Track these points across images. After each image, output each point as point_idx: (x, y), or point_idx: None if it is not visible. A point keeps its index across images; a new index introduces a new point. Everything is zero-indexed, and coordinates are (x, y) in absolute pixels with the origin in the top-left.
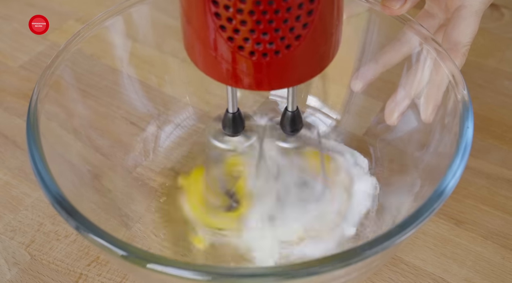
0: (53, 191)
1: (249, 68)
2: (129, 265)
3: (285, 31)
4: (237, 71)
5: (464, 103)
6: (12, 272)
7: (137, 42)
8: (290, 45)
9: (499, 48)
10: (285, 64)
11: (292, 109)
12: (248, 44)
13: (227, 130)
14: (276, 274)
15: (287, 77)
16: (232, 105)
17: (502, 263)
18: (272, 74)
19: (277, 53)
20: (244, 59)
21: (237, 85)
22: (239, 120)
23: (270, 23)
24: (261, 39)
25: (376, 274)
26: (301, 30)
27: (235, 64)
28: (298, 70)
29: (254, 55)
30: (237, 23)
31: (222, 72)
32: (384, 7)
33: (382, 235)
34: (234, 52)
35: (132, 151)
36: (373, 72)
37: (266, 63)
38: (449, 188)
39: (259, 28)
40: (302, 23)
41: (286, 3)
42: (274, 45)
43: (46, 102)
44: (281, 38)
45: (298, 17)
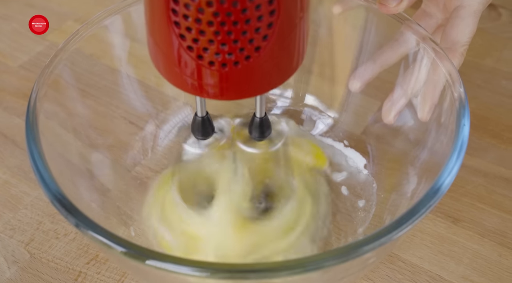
0: (53, 189)
1: (209, 78)
2: (129, 262)
3: (244, 43)
4: (199, 81)
5: (461, 100)
6: (12, 271)
7: (136, 42)
8: (249, 56)
9: (497, 48)
10: (245, 74)
11: (261, 116)
12: (207, 54)
13: (197, 134)
14: (274, 269)
15: (248, 88)
16: (200, 109)
17: (499, 261)
18: (233, 84)
19: (236, 64)
20: (204, 69)
21: (199, 94)
22: (207, 124)
23: (229, 34)
24: (220, 50)
25: (373, 271)
26: (260, 42)
27: (197, 74)
28: (259, 80)
29: (213, 65)
30: (196, 33)
31: (185, 82)
32: (381, 5)
33: (378, 231)
34: (194, 62)
35: (131, 150)
36: (371, 72)
37: (225, 74)
38: (445, 185)
39: (218, 39)
40: (262, 35)
41: (244, 15)
42: (233, 56)
43: (45, 101)
44: (240, 49)
45: (258, 29)
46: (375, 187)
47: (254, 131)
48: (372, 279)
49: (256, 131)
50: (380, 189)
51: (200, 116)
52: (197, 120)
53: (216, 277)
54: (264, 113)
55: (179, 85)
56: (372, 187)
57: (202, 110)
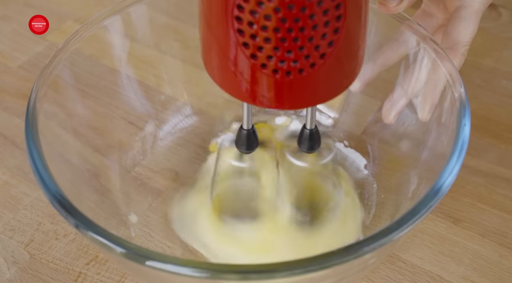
0: (52, 190)
1: (271, 86)
2: (128, 263)
3: (310, 49)
4: (258, 89)
5: (461, 101)
6: (11, 271)
7: (135, 42)
8: (314, 63)
9: (497, 48)
10: (308, 83)
11: (311, 127)
12: (272, 62)
13: (241, 147)
14: (275, 270)
15: (309, 96)
16: (247, 122)
17: (500, 261)
18: (295, 92)
19: (301, 72)
20: (266, 77)
21: (257, 103)
22: (253, 137)
23: (295, 41)
24: (285, 57)
25: (373, 272)
26: (326, 48)
27: (257, 82)
28: (321, 89)
29: (277, 73)
30: (261, 41)
31: (241, 89)
32: (381, 5)
33: (379, 232)
34: (256, 70)
35: (131, 150)
36: (371, 72)
37: (289, 82)
38: (446, 185)
39: (284, 46)
40: (328, 41)
41: (312, 21)
42: (298, 63)
43: (44, 101)
44: (306, 57)
45: (324, 35)
46: (375, 187)
47: (303, 143)
48: (373, 280)
49: (305, 143)
50: (381, 189)
51: (246, 129)
52: (242, 133)
53: (216, 278)
54: (314, 125)
55: (236, 95)
56: (372, 187)
57: (248, 123)
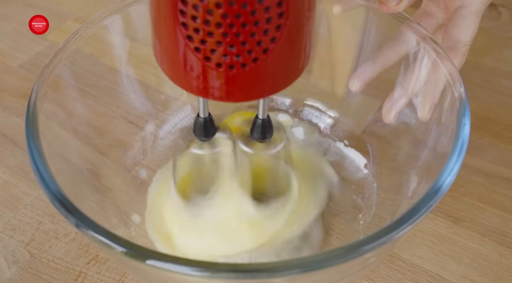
0: (53, 189)
1: (216, 79)
2: (129, 262)
3: (253, 45)
4: (205, 82)
5: (461, 100)
6: (12, 271)
7: (135, 42)
8: (257, 58)
9: (497, 47)
10: (252, 77)
11: (263, 117)
12: (215, 55)
13: (198, 134)
14: (273, 269)
15: (255, 90)
16: (203, 110)
17: (500, 260)
18: (239, 86)
19: (244, 66)
20: (210, 70)
21: (204, 96)
22: (210, 125)
23: (237, 36)
24: (228, 52)
25: (373, 271)
26: (269, 44)
27: (203, 75)
28: (266, 82)
29: (220, 67)
30: (204, 34)
31: (190, 83)
32: (381, 4)
33: (379, 231)
34: (201, 63)
35: (131, 150)
36: (371, 72)
37: (232, 76)
38: (446, 184)
39: (226, 41)
40: (270, 37)
41: (253, 17)
42: (241, 58)
43: (45, 101)
44: (248, 51)
45: (266, 31)
46: (375, 187)
47: (255, 132)
48: (373, 279)
49: (257, 132)
50: (381, 188)
51: (202, 118)
52: (199, 121)
53: (216, 277)
54: (266, 115)
55: (184, 86)
56: (372, 187)
57: (204, 111)
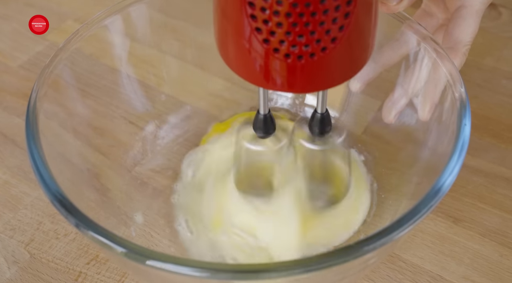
0: (53, 189)
1: (283, 70)
2: (129, 262)
3: (321, 34)
4: (271, 73)
5: (462, 100)
6: (12, 271)
7: (136, 42)
8: (325, 47)
9: (497, 47)
10: (320, 66)
11: (322, 111)
12: (284, 46)
13: (258, 131)
14: (274, 270)
15: (321, 80)
16: (263, 107)
17: (500, 261)
18: (306, 76)
19: (312, 56)
20: (278, 61)
21: (270, 87)
22: (270, 122)
23: (307, 26)
24: (297, 42)
25: (374, 272)
26: (337, 32)
27: (270, 66)
28: (333, 72)
29: (289, 57)
30: (273, 25)
31: (256, 74)
32: (381, 4)
33: (380, 231)
34: (269, 54)
35: (131, 150)
36: (372, 73)
37: (301, 66)
38: (447, 185)
39: (295, 31)
40: (339, 25)
41: (323, 6)
42: (309, 47)
43: (45, 101)
44: (317, 41)
45: (335, 19)
46: (375, 187)
47: (315, 127)
48: (373, 279)
49: (317, 127)
50: (381, 188)
51: (262, 114)
52: (259, 118)
53: (216, 277)
54: (325, 109)
55: (251, 79)
56: (372, 187)
57: (265, 107)
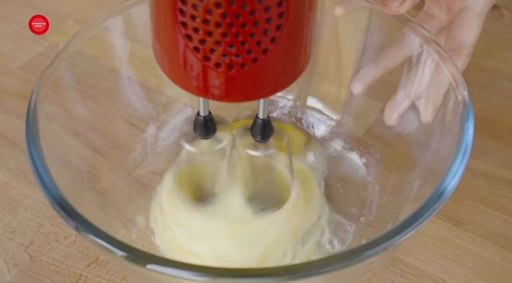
0: (53, 192)
1: (215, 79)
2: (129, 266)
3: (252, 45)
4: (205, 82)
5: (465, 104)
6: (12, 273)
7: (136, 43)
8: (256, 58)
9: (499, 49)
10: (251, 77)
11: (263, 117)
12: (214, 55)
13: (198, 132)
14: (275, 274)
15: (254, 90)
16: (203, 109)
17: (502, 264)
18: (239, 86)
19: (243, 66)
20: (210, 70)
21: (204, 96)
22: (210, 124)
23: (237, 36)
24: (227, 51)
25: (375, 275)
26: (268, 44)
27: (202, 75)
28: (266, 83)
29: (220, 66)
30: (203, 34)
31: (190, 83)
32: (383, 5)
33: (382, 236)
34: (200, 63)
35: (132, 152)
36: (374, 75)
37: (232, 76)
38: (449, 188)
39: (225, 40)
40: (270, 37)
41: (253, 17)
42: (240, 58)
43: (45, 102)
44: (248, 52)
45: (266, 31)
46: (377, 190)
47: (256, 133)
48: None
49: (258, 133)
50: (382, 191)
51: (202, 116)
52: (199, 120)
53: (217, 282)
54: (267, 115)
55: (183, 86)
56: (374, 190)
57: (205, 110)
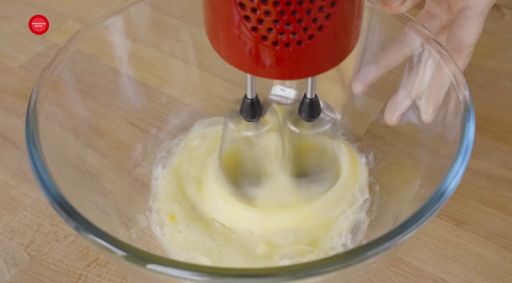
0: (53, 191)
1: (272, 57)
2: (129, 266)
3: (308, 22)
4: (260, 60)
5: (466, 104)
6: (11, 273)
7: (136, 42)
8: (312, 35)
9: (500, 49)
10: (307, 54)
11: (311, 97)
12: (272, 34)
13: (245, 115)
14: (276, 274)
15: (309, 67)
16: (251, 91)
17: (503, 264)
18: (294, 64)
19: (299, 44)
20: (267, 49)
21: (259, 74)
22: (257, 106)
23: (294, 14)
24: (284, 30)
25: (376, 275)
26: (323, 21)
27: (258, 53)
28: (320, 60)
29: (277, 45)
30: (261, 14)
31: (245, 61)
32: (384, 5)
33: (383, 236)
34: (257, 42)
35: (132, 151)
36: (374, 74)
37: (288, 53)
38: (451, 188)
39: (283, 19)
40: (325, 14)
41: None
42: (297, 35)
43: (45, 102)
44: (304, 29)
45: (321, 8)
46: (378, 189)
47: (303, 112)
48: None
49: (306, 112)
50: (383, 191)
51: (249, 98)
52: (246, 102)
53: (217, 281)
54: (314, 95)
55: (239, 66)
56: (375, 189)
57: (252, 92)
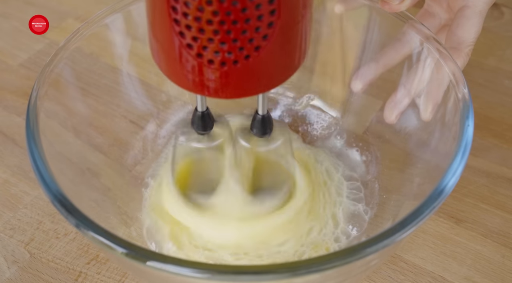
0: (53, 189)
1: (209, 76)
2: (129, 263)
3: (244, 42)
4: (199, 79)
5: (465, 101)
6: (12, 270)
7: (137, 40)
8: (249, 55)
9: (500, 47)
10: (245, 73)
11: (263, 113)
12: (207, 52)
13: (196, 127)
14: (275, 271)
15: (248, 86)
16: (201, 104)
17: (502, 262)
18: (232, 83)
19: (235, 63)
20: (204, 67)
21: (200, 92)
22: (207, 119)
23: (228, 33)
24: (219, 48)
25: (375, 272)
26: (260, 41)
27: (197, 72)
28: (260, 79)
29: (212, 63)
30: (196, 31)
31: (186, 80)
32: (384, 3)
33: (382, 233)
34: (194, 59)
35: (132, 149)
36: (374, 73)
37: (225, 72)
38: (449, 186)
39: (217, 38)
40: (262, 34)
41: (244, 15)
42: (232, 55)
43: (45, 100)
44: (240, 49)
45: (258, 28)
46: (377, 187)
47: (255, 128)
48: (374, 280)
49: (257, 128)
50: (382, 189)
51: (200, 111)
52: (197, 115)
53: (217, 279)
54: (266, 111)
55: (179, 83)
56: (374, 187)
57: (202, 105)
